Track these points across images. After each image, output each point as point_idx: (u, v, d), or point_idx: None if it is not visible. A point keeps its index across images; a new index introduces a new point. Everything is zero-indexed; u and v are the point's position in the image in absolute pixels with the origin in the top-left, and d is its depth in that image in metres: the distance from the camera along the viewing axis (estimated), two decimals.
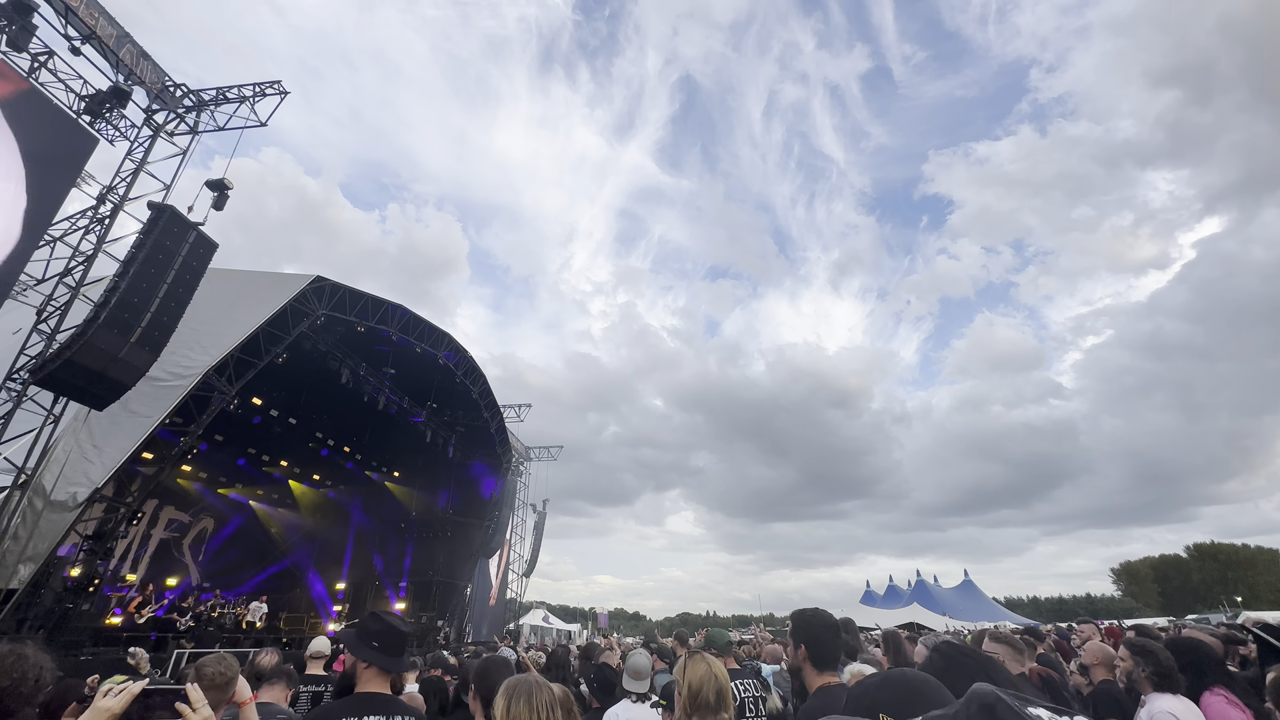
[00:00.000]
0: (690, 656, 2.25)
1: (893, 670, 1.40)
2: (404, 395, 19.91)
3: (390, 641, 2.34)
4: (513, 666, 2.92)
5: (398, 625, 2.39)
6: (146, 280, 9.82)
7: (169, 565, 21.48)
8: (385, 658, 2.30)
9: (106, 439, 10.93)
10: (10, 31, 9.60)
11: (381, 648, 2.32)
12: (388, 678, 2.33)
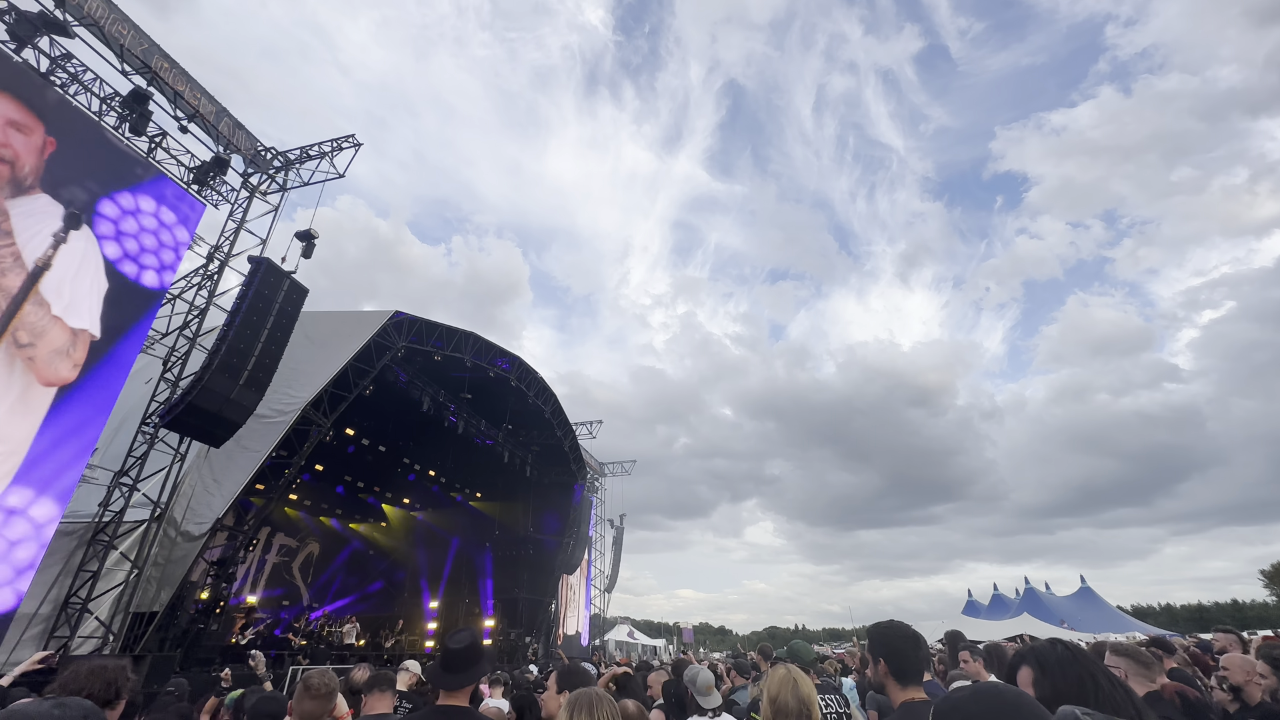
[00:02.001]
0: (776, 666, 2.22)
1: (983, 684, 1.33)
2: (481, 418, 20.74)
3: (448, 660, 2.52)
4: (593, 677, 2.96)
5: (454, 645, 2.57)
6: (250, 327, 10.86)
7: (283, 587, 23.29)
8: (445, 675, 2.47)
9: (224, 473, 12.08)
10: (131, 119, 10.98)
11: (443, 666, 2.49)
12: (463, 692, 2.45)
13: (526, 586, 23.90)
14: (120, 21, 10.62)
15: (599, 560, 34.87)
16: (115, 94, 10.88)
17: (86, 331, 9.78)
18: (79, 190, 9.99)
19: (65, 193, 9.72)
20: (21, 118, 9.19)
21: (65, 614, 9.98)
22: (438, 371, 18.24)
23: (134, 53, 10.83)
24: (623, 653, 34.74)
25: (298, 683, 2.60)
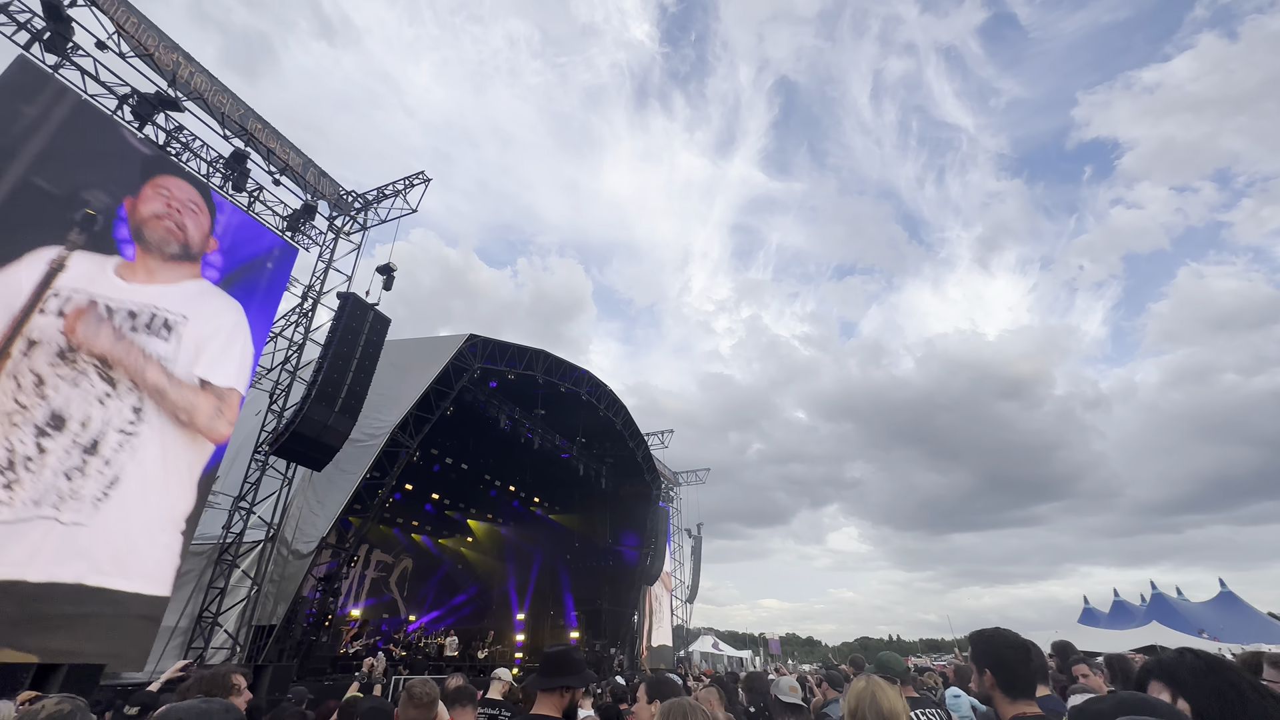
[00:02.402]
0: (857, 677, 2.12)
1: (1128, 693, 1.22)
2: (555, 433, 21.25)
3: (544, 665, 2.59)
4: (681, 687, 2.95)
5: (551, 651, 2.63)
6: (341, 358, 11.72)
7: (381, 601, 24.71)
8: (539, 679, 2.54)
9: (326, 495, 13.03)
10: (233, 178, 12.19)
11: (540, 671, 2.56)
12: (558, 702, 2.49)
13: (608, 598, 24.12)
14: (220, 92, 11.85)
15: (678, 570, 34.68)
16: (219, 156, 12.13)
17: (235, 390, 11.14)
18: (228, 265, 11.48)
19: (217, 270, 11.21)
20: (197, 203, 10.99)
21: (199, 627, 11.05)
22: (512, 389, 18.90)
23: (232, 118, 12.04)
24: (708, 664, 34.28)
25: (402, 691, 2.76)
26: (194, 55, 11.43)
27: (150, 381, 9.82)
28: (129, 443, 9.43)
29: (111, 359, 9.39)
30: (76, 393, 8.93)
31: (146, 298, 9.98)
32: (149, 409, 9.76)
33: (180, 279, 10.53)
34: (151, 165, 10.51)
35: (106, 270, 9.53)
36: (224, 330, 11.14)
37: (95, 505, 8.91)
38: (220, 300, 11.22)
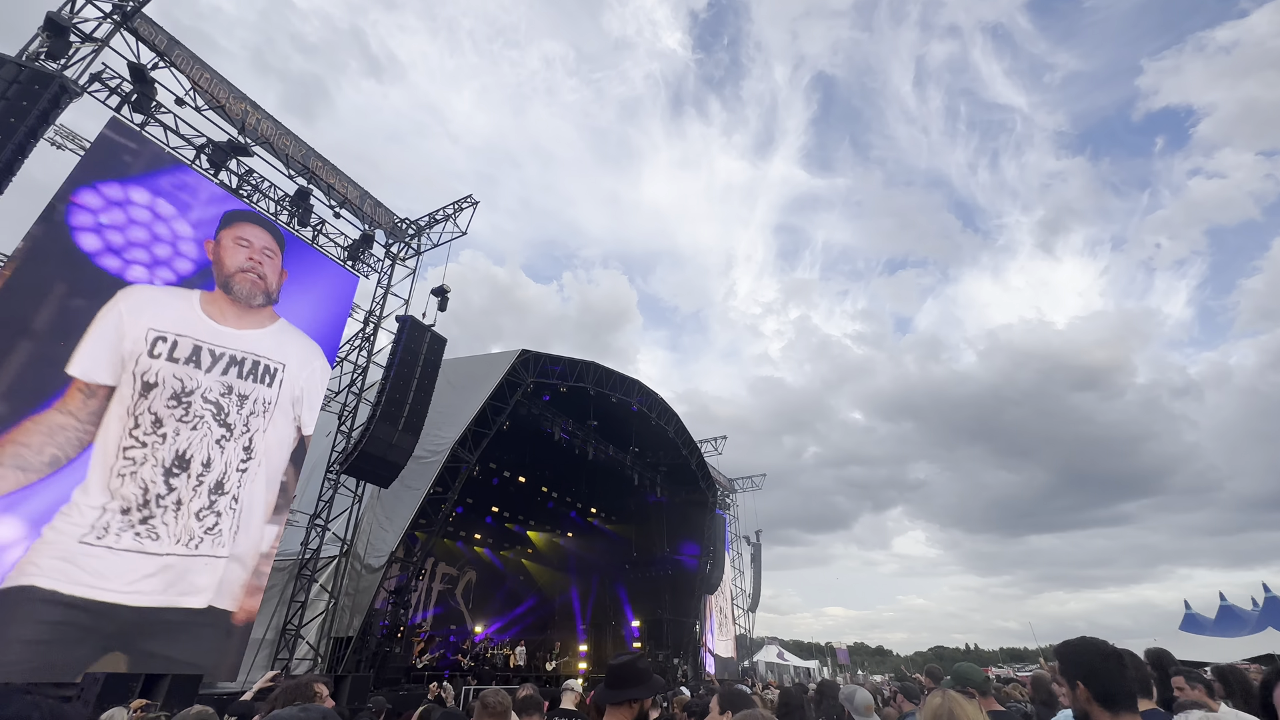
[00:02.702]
0: (931, 692, 2.00)
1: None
2: (608, 443, 21.40)
3: (610, 676, 2.57)
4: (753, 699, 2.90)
5: (616, 662, 2.62)
6: (402, 379, 12.22)
7: (448, 613, 25.41)
8: (607, 691, 2.54)
9: (393, 510, 13.56)
10: (298, 214, 12.98)
11: (606, 683, 2.56)
12: (627, 714, 2.47)
13: (669, 608, 23.98)
14: (284, 135, 12.66)
15: (739, 579, 34.13)
16: (285, 195, 12.95)
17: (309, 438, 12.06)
18: (304, 306, 12.34)
19: (294, 309, 12.03)
20: (271, 247, 11.91)
21: (284, 639, 11.67)
22: (564, 402, 19.18)
23: (295, 158, 12.84)
24: (774, 674, 33.48)
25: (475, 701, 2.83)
26: (259, 103, 12.28)
27: (255, 425, 10.82)
28: (243, 479, 10.47)
29: (223, 406, 10.37)
30: (196, 435, 9.92)
31: (245, 344, 10.96)
32: (256, 449, 10.77)
33: (266, 322, 11.51)
34: (228, 212, 11.44)
35: (195, 307, 10.39)
36: (314, 378, 12.19)
37: (223, 537, 9.95)
38: (304, 343, 12.17)
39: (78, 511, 8.42)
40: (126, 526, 8.86)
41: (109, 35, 9.65)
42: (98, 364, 8.94)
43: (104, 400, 8.91)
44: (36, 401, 8.23)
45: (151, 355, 9.59)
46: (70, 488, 8.39)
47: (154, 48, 10.53)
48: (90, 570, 8.41)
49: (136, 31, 10.21)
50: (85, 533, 8.44)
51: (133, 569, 8.83)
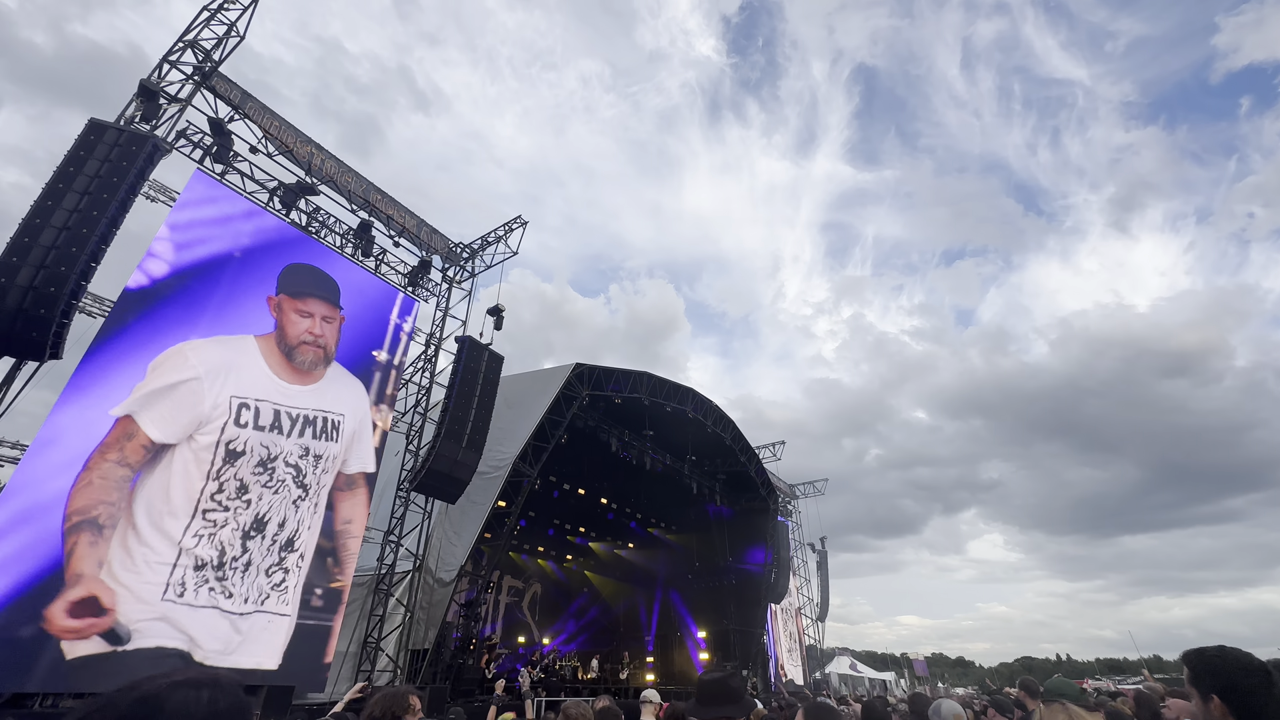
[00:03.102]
0: (1050, 707, 1.86)
1: None
2: (665, 453, 21.35)
3: (702, 693, 2.51)
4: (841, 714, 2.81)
5: (708, 677, 2.55)
6: (464, 397, 12.64)
7: (515, 625, 25.88)
8: (699, 708, 2.47)
9: (461, 525, 13.97)
10: (362, 245, 13.70)
11: (698, 699, 2.50)
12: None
13: (734, 618, 23.57)
14: (346, 173, 13.44)
15: (805, 587, 33.21)
16: (349, 229, 13.71)
17: (370, 472, 12.43)
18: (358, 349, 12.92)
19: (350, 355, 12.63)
20: (329, 313, 12.32)
21: (365, 651, 12.19)
22: (619, 413, 19.30)
23: (357, 194, 13.59)
24: (847, 687, 32.27)
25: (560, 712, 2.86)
26: (321, 144, 13.09)
27: (327, 482, 11.38)
28: (312, 533, 10.95)
29: (302, 468, 10.90)
30: (277, 499, 10.40)
31: (313, 402, 11.44)
32: (322, 501, 11.27)
33: (323, 374, 11.90)
34: (288, 279, 11.78)
35: (264, 366, 10.84)
36: (364, 421, 12.47)
37: (288, 595, 10.27)
38: (353, 385, 12.42)
39: (149, 568, 8.62)
40: (201, 583, 9.12)
41: (191, 95, 10.56)
42: (164, 421, 9.17)
43: (152, 452, 9.04)
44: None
45: (238, 424, 10.02)
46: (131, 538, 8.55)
47: (229, 102, 11.44)
48: (185, 628, 8.80)
49: (214, 89, 11.13)
50: (164, 590, 8.69)
51: (214, 628, 9.14)
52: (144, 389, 9.07)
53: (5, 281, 7.30)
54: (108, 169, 8.25)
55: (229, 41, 11.14)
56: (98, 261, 8.22)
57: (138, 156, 8.54)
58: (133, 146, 8.55)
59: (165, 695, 0.72)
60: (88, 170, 8.13)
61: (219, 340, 10.29)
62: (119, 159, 8.38)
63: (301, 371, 11.42)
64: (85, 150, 8.24)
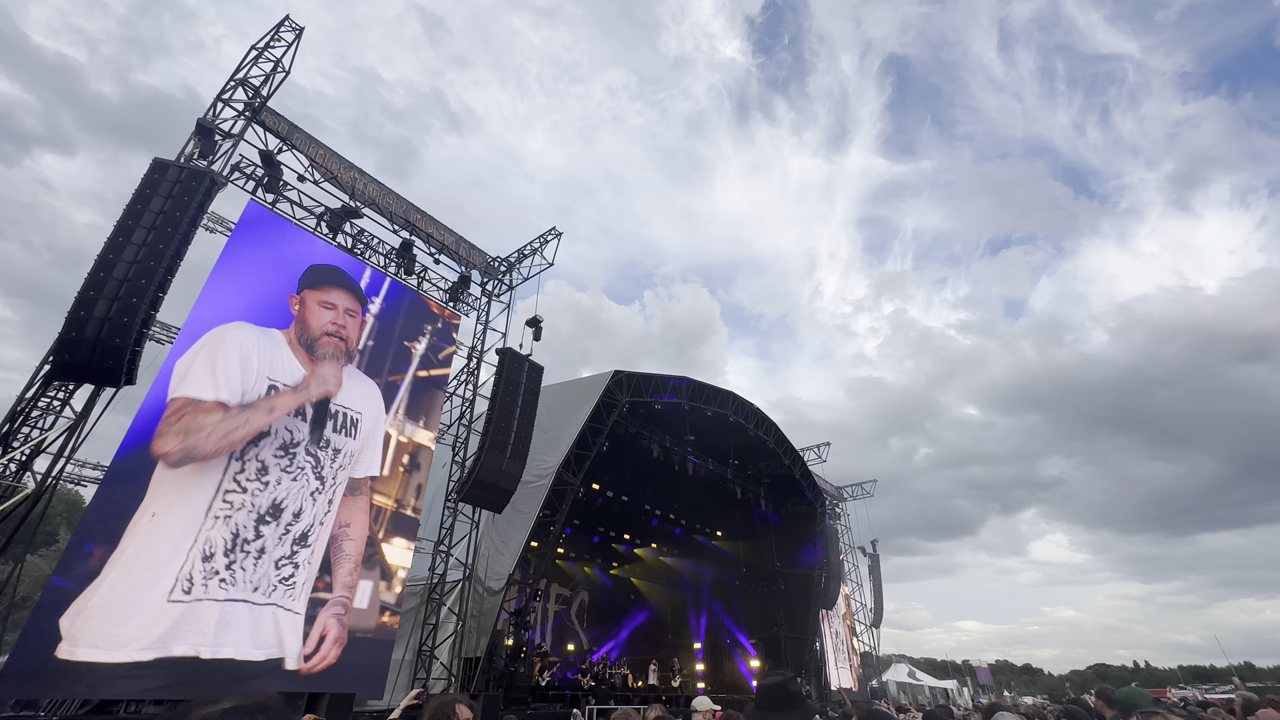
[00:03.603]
0: (1149, 716, 1.70)
1: None
2: (707, 458, 21.20)
3: (761, 698, 2.49)
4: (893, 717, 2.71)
5: (766, 682, 2.52)
6: (506, 408, 12.84)
7: (565, 632, 26.05)
8: (759, 713, 2.44)
9: (508, 534, 14.18)
10: (404, 264, 14.15)
11: (758, 704, 2.48)
12: None
13: (785, 624, 23.11)
14: (387, 195, 13.92)
15: (857, 592, 32.30)
16: (392, 249, 14.18)
17: (368, 478, 12.10)
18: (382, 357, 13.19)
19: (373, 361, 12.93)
20: (352, 305, 12.41)
21: (420, 659, 12.47)
22: (660, 419, 19.28)
23: (398, 215, 14.05)
24: (906, 695, 31.15)
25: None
26: (363, 169, 13.61)
27: (342, 479, 11.13)
28: (322, 532, 10.58)
29: (320, 459, 10.80)
30: (295, 486, 10.21)
31: (338, 398, 11.39)
32: (336, 499, 10.99)
33: (340, 371, 11.71)
34: (310, 276, 11.88)
35: (292, 357, 10.91)
36: (378, 425, 12.19)
37: (295, 590, 9.86)
38: (370, 389, 12.22)
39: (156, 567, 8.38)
40: (210, 575, 8.84)
41: (243, 130, 11.15)
42: (223, 383, 9.51)
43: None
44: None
45: (269, 402, 10.14)
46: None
47: (277, 134, 12.03)
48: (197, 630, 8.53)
49: (264, 123, 11.72)
50: (171, 588, 8.40)
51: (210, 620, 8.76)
52: (191, 359, 9.46)
53: (84, 314, 7.84)
54: (171, 204, 8.78)
55: (275, 77, 11.73)
56: (165, 291, 8.74)
57: (197, 191, 9.06)
58: (192, 182, 9.08)
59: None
60: (153, 207, 8.67)
61: (254, 327, 10.54)
62: (180, 194, 8.91)
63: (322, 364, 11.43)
64: (150, 188, 8.80)
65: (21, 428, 8.21)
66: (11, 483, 8.04)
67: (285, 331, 11.07)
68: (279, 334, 10.95)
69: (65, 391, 8.56)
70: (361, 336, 12.42)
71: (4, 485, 7.97)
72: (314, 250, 12.19)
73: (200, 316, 9.90)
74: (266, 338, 10.68)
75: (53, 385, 8.41)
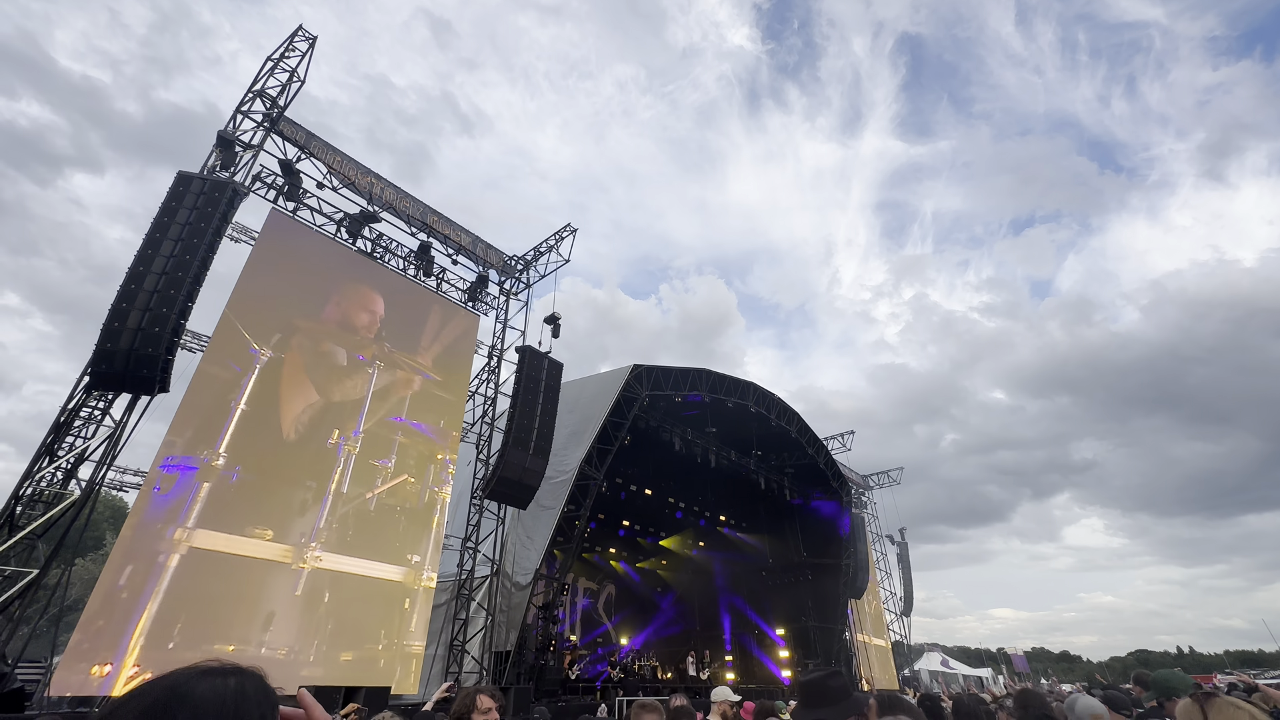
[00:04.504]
0: (1211, 702, 1.57)
1: None
2: (729, 449, 21.11)
3: (805, 695, 2.46)
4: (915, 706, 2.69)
5: (807, 678, 2.48)
6: (527, 405, 12.95)
7: (591, 626, 26.30)
8: (804, 711, 2.42)
9: (534, 530, 14.33)
10: (422, 265, 14.33)
11: (802, 702, 2.45)
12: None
13: (813, 615, 22.97)
14: (405, 198, 14.09)
15: (886, 581, 31.97)
16: (410, 251, 14.36)
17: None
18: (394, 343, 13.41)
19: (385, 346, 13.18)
20: (367, 299, 12.81)
21: (453, 654, 12.70)
22: (680, 412, 19.25)
23: (415, 217, 14.22)
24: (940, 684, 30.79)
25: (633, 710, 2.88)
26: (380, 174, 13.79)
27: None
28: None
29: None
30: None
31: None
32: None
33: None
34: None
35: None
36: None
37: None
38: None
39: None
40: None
41: (263, 140, 11.39)
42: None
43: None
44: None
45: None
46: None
47: (295, 143, 12.25)
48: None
49: (282, 133, 11.95)
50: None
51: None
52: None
53: (118, 325, 8.11)
54: (195, 216, 9.02)
55: (292, 87, 11.94)
56: (193, 300, 8.99)
57: (220, 201, 9.29)
58: (215, 193, 9.31)
59: (194, 682, 0.76)
60: (179, 219, 8.92)
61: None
62: (204, 205, 9.14)
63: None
64: (175, 200, 9.04)
65: (65, 437, 8.54)
66: (58, 490, 8.38)
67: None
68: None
69: (105, 401, 8.87)
70: (373, 325, 12.85)
71: (51, 493, 8.32)
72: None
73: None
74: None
75: (93, 395, 8.73)
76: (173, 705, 0.73)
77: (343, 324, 12.20)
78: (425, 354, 13.61)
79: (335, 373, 11.74)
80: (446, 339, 14.27)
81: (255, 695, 0.80)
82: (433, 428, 13.26)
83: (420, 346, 13.59)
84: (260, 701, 0.81)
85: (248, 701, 0.78)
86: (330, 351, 11.80)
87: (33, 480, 8.14)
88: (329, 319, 12.00)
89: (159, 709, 0.72)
